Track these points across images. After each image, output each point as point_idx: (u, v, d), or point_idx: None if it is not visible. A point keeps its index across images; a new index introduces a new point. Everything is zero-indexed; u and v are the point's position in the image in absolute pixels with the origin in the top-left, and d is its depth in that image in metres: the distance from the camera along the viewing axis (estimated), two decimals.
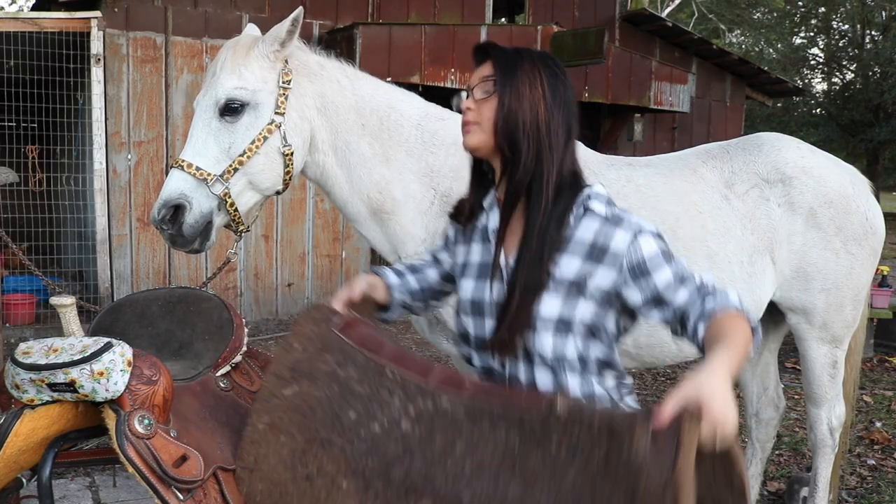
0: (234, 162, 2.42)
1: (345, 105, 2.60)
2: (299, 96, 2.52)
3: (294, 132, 2.50)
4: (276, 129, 2.44)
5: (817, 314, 3.15)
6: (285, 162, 2.48)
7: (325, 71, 2.61)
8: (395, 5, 9.11)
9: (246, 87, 2.43)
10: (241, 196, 2.47)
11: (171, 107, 7.94)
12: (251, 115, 2.44)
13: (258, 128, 2.44)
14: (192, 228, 2.43)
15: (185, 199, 2.40)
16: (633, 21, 10.66)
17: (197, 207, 2.41)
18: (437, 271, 2.17)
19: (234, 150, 2.43)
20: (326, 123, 2.59)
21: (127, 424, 1.91)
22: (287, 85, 2.48)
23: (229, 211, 2.46)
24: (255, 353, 2.66)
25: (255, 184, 2.48)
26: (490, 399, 1.58)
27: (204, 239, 2.48)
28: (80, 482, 4.06)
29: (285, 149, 2.46)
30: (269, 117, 2.45)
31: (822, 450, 3.39)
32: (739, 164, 3.07)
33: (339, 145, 2.61)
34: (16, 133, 7.60)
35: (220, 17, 8.11)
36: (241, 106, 2.43)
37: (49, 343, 1.99)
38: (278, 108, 2.46)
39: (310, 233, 8.68)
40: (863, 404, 5.78)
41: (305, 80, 2.55)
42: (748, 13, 26.88)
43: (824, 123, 27.28)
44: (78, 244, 8.18)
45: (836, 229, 3.07)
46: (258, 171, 2.46)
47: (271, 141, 2.45)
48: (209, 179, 2.40)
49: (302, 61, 2.58)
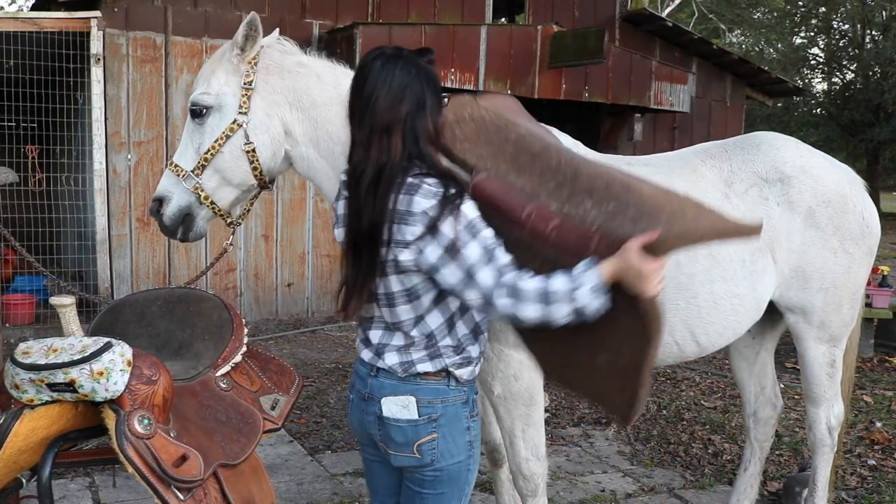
0: (202, 159, 2.63)
1: (324, 98, 2.68)
2: (267, 94, 2.65)
3: (258, 129, 2.64)
4: (239, 128, 2.62)
5: (815, 313, 3.15)
6: (249, 158, 2.64)
7: (302, 68, 2.71)
8: (395, 5, 9.11)
9: (209, 92, 2.64)
10: (218, 191, 2.67)
11: (170, 107, 7.94)
12: (216, 116, 2.64)
13: (222, 127, 2.63)
14: (171, 220, 2.67)
15: (167, 193, 2.67)
16: (633, 21, 10.65)
17: (175, 201, 2.66)
18: None
19: (202, 148, 2.64)
20: (303, 117, 2.68)
21: (127, 424, 1.91)
22: (248, 85, 2.63)
23: (206, 204, 2.66)
24: (254, 352, 2.67)
25: (227, 179, 2.66)
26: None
27: (186, 229, 2.70)
28: (80, 482, 4.06)
29: (247, 146, 2.62)
30: (232, 117, 2.62)
31: (821, 449, 3.40)
32: (738, 163, 3.08)
33: (321, 136, 2.69)
34: (16, 133, 7.60)
35: (220, 16, 8.11)
36: (206, 109, 2.64)
37: (49, 343, 1.99)
38: (241, 108, 2.62)
39: (310, 233, 8.68)
40: (863, 404, 5.78)
41: (276, 79, 2.67)
42: (748, 13, 26.87)
43: (824, 123, 27.28)
44: (78, 244, 8.18)
45: (834, 228, 3.08)
46: (226, 167, 2.64)
47: (234, 139, 2.62)
48: (182, 175, 2.65)
49: (276, 61, 2.69)
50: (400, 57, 2.03)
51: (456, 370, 2.08)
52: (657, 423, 5.37)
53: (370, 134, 1.99)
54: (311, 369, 6.50)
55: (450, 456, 2.10)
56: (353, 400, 2.20)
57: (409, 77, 2.00)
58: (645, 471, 4.53)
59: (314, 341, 7.70)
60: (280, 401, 2.55)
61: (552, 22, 9.24)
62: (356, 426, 2.23)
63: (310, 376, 6.24)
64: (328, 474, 4.33)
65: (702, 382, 6.40)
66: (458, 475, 2.13)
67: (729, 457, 4.73)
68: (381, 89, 1.99)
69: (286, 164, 2.76)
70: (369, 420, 2.13)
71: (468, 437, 2.14)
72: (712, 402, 5.87)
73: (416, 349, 2.07)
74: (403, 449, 2.09)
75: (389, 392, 2.08)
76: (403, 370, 2.07)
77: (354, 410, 2.20)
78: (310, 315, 8.71)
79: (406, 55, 2.05)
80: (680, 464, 4.64)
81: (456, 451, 2.11)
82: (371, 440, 2.18)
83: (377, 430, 2.12)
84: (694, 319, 2.93)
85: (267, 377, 2.60)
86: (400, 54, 2.04)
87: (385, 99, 1.98)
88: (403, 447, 2.09)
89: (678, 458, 4.74)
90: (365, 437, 2.21)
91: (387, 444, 2.12)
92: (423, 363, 2.06)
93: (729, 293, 2.95)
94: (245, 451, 2.22)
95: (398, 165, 1.97)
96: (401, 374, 2.07)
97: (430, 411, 2.07)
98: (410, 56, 2.05)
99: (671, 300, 2.88)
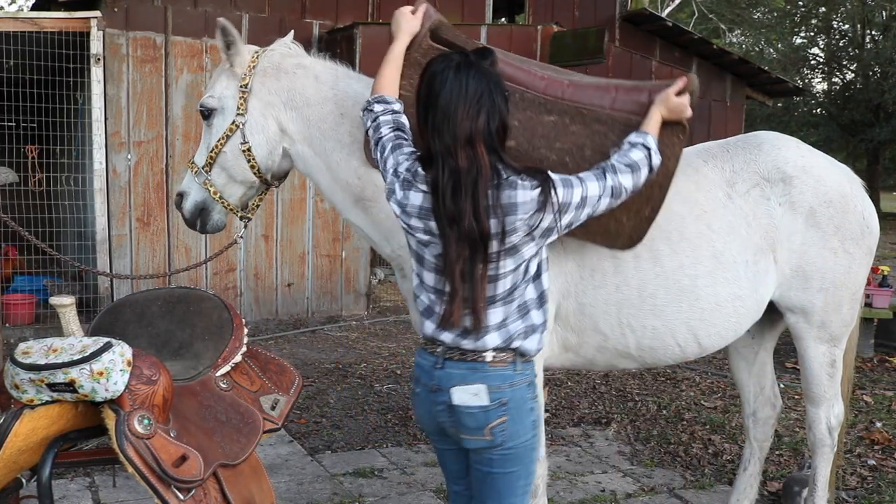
0: (209, 157, 2.81)
1: (318, 97, 2.79)
2: (263, 96, 2.78)
3: (255, 129, 2.78)
4: (237, 129, 2.77)
5: (816, 313, 3.15)
6: (246, 157, 2.79)
7: (301, 69, 2.83)
8: (395, 5, 8.95)
9: (213, 95, 2.82)
10: (226, 187, 2.85)
11: (170, 107, 7.94)
12: (220, 117, 2.82)
13: (223, 128, 2.80)
14: (190, 213, 2.89)
15: (186, 189, 2.89)
16: (633, 21, 10.65)
17: (192, 196, 2.87)
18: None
19: (210, 147, 2.83)
20: (297, 115, 2.80)
21: (127, 424, 1.91)
22: (245, 88, 2.77)
23: (215, 198, 2.83)
24: (254, 352, 2.67)
25: (231, 176, 2.83)
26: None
27: (203, 222, 2.89)
28: (80, 482, 4.06)
29: (243, 145, 2.78)
30: (231, 118, 2.79)
31: (821, 449, 3.39)
32: (740, 163, 3.07)
33: (314, 134, 2.80)
34: (16, 133, 7.60)
35: (220, 16, 8.10)
36: (211, 111, 2.82)
37: (49, 343, 1.99)
38: (239, 109, 2.77)
39: (310, 233, 8.68)
40: (863, 404, 5.78)
41: (272, 80, 2.79)
42: (748, 13, 26.87)
43: (824, 123, 27.29)
44: (78, 244, 8.18)
45: (835, 228, 3.08)
46: (228, 165, 2.81)
47: (233, 139, 2.78)
48: (196, 172, 2.84)
49: (275, 63, 2.82)
50: (471, 65, 2.12)
51: (524, 343, 2.18)
52: (657, 423, 5.37)
53: (453, 145, 2.07)
54: (311, 369, 6.50)
55: (518, 436, 2.22)
56: (420, 393, 2.29)
57: (482, 85, 2.10)
58: (645, 471, 4.53)
59: (314, 341, 7.70)
60: (280, 401, 2.55)
61: (552, 22, 9.24)
62: (424, 417, 2.32)
63: (310, 376, 6.24)
64: (328, 474, 4.33)
65: (702, 382, 6.40)
66: (526, 453, 2.25)
67: (729, 457, 4.73)
68: (459, 101, 2.08)
69: (287, 161, 2.88)
70: (438, 410, 2.23)
71: (533, 417, 2.27)
72: (712, 402, 5.87)
73: (512, 321, 2.18)
74: (475, 433, 2.20)
75: (458, 381, 2.18)
76: (505, 343, 2.17)
77: (423, 402, 2.29)
78: (310, 315, 8.71)
79: (475, 61, 2.14)
80: (680, 464, 4.64)
81: (523, 431, 2.23)
82: (439, 430, 2.29)
83: (447, 419, 2.23)
84: (697, 322, 2.93)
85: (267, 377, 2.60)
86: (469, 62, 2.13)
87: (464, 110, 2.07)
88: (475, 431, 2.20)
89: (678, 458, 4.74)
90: (433, 426, 2.31)
91: (458, 430, 2.23)
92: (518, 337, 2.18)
93: (732, 295, 2.95)
94: (245, 451, 2.22)
95: (489, 172, 2.07)
96: (489, 359, 2.17)
97: (499, 396, 2.18)
98: (478, 62, 2.14)
99: (674, 302, 2.88)
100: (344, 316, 8.82)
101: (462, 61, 2.12)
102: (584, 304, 2.83)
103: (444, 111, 2.08)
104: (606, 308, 2.85)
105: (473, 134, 2.07)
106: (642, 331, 2.90)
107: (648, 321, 2.89)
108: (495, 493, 2.26)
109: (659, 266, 2.86)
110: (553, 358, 2.93)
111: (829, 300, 3.13)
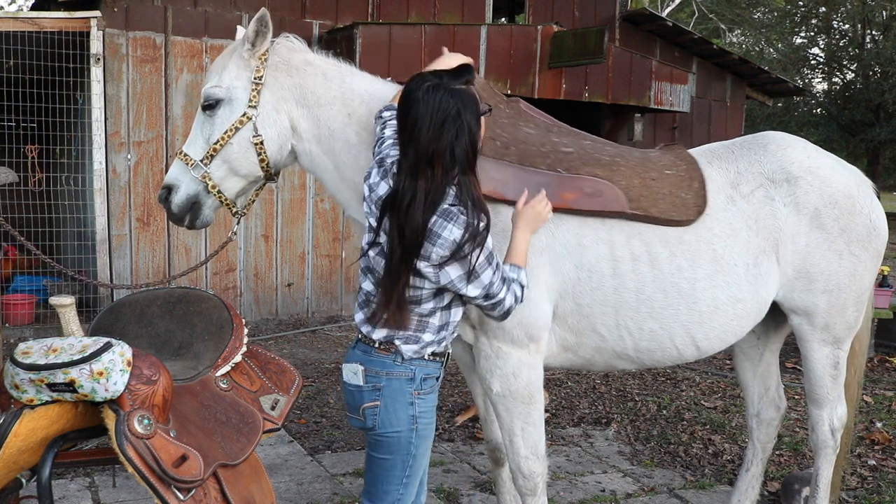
0: (211, 149, 2.72)
1: (328, 96, 2.78)
2: (275, 90, 2.75)
3: (266, 123, 2.74)
4: (248, 121, 2.72)
5: (819, 315, 3.13)
6: (257, 150, 2.74)
7: (309, 66, 2.81)
8: (395, 5, 9.11)
9: (220, 85, 2.73)
10: (225, 181, 2.77)
11: (170, 107, 7.94)
12: (226, 108, 2.73)
13: (231, 120, 2.72)
14: (179, 207, 2.77)
15: (176, 181, 2.77)
16: (633, 21, 10.65)
17: (184, 189, 2.76)
18: None
19: (212, 139, 2.73)
20: (307, 114, 2.78)
21: (126, 424, 1.91)
22: (259, 81, 2.72)
23: (213, 193, 2.76)
24: (254, 352, 2.67)
25: (234, 169, 2.76)
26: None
27: (193, 217, 2.79)
28: (80, 482, 4.05)
29: (255, 139, 2.72)
30: (242, 110, 2.72)
31: (824, 451, 3.38)
32: (745, 164, 3.05)
33: (323, 133, 2.79)
34: (16, 133, 7.60)
35: (220, 16, 8.10)
36: (217, 101, 2.73)
37: (49, 343, 1.99)
38: (251, 101, 2.72)
39: (310, 233, 8.68)
40: (863, 404, 5.77)
41: (284, 75, 2.76)
42: (748, 13, 26.86)
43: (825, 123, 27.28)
44: (78, 244, 8.17)
45: (840, 230, 3.05)
46: (234, 158, 2.74)
47: (243, 131, 2.72)
48: (191, 164, 2.74)
49: (284, 58, 2.79)
50: (440, 87, 2.21)
51: (402, 345, 2.31)
52: (657, 423, 5.37)
53: (416, 163, 2.19)
54: (311, 369, 6.50)
55: (390, 425, 2.33)
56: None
57: (449, 106, 2.18)
58: (645, 471, 4.53)
59: (314, 341, 7.70)
60: (280, 401, 2.55)
61: (552, 22, 9.24)
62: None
63: (310, 376, 6.24)
64: (328, 474, 4.32)
65: (702, 382, 6.40)
66: (401, 445, 2.35)
67: (729, 457, 4.73)
68: (424, 121, 2.17)
69: (292, 157, 2.87)
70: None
71: (411, 412, 2.34)
72: (712, 402, 5.87)
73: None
74: (353, 411, 2.39)
75: (350, 360, 2.38)
76: (387, 339, 2.33)
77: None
78: (310, 315, 8.71)
79: (446, 83, 2.22)
80: (680, 464, 4.64)
81: (397, 423, 2.33)
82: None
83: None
84: (695, 325, 2.92)
85: (267, 377, 2.60)
86: (439, 84, 2.22)
87: (427, 130, 2.17)
88: (353, 409, 2.38)
89: (678, 458, 4.73)
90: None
91: (346, 407, 2.44)
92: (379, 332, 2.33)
93: (732, 298, 2.93)
94: (245, 452, 2.21)
95: (440, 193, 2.18)
96: (376, 346, 2.33)
97: (375, 380, 2.32)
98: (450, 83, 2.23)
99: (672, 305, 2.87)
100: (344, 316, 8.82)
101: (433, 83, 2.21)
102: (582, 304, 2.83)
103: (410, 131, 2.20)
104: (604, 309, 2.84)
105: (434, 155, 2.17)
106: (640, 333, 2.89)
107: (646, 324, 2.88)
108: (373, 476, 2.42)
109: (657, 269, 2.85)
110: (552, 358, 2.92)
111: (834, 302, 3.11)
